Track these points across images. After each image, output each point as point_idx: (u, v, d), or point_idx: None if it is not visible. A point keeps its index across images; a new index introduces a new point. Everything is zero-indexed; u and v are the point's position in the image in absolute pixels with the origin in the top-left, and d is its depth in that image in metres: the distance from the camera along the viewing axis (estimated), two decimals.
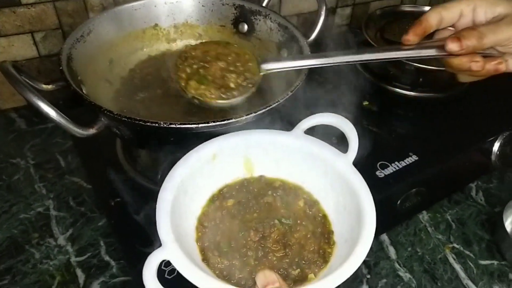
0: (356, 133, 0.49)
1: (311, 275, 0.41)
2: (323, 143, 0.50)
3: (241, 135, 0.50)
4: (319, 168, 0.49)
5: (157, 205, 0.41)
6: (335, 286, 0.36)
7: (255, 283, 0.39)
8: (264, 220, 0.46)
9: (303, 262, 0.43)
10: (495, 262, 0.63)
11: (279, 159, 0.51)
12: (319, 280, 0.38)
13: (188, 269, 0.36)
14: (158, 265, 0.36)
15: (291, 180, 0.52)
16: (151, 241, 0.44)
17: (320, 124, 0.50)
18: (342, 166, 0.47)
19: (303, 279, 0.42)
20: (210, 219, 0.46)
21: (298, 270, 0.42)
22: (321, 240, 0.45)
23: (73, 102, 0.53)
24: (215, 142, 0.49)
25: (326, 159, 0.49)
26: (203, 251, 0.43)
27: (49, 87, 0.57)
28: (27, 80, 0.53)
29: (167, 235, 0.39)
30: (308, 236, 0.45)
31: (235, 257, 0.43)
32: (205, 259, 0.43)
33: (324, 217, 0.48)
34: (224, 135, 0.49)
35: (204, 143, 0.48)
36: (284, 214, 0.47)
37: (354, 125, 0.50)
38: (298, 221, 0.47)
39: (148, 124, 0.47)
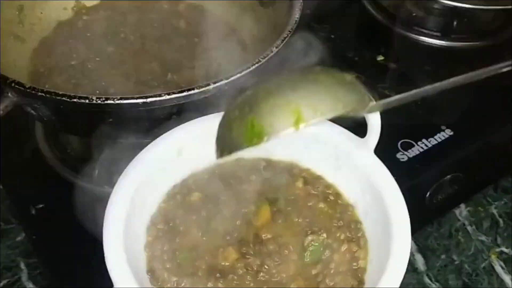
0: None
1: None
2: (333, 124, 0.47)
3: (216, 118, 0.46)
4: (329, 159, 0.47)
5: (104, 230, 0.39)
6: None
7: None
8: (242, 216, 0.45)
9: None
10: None
11: (271, 147, 0.49)
12: None
13: None
14: None
15: (283, 159, 0.50)
16: (86, 262, 0.43)
17: None
18: (361, 156, 0.45)
19: None
20: (168, 219, 0.45)
21: None
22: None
23: None
24: (179, 131, 0.47)
25: (337, 146, 0.47)
26: (151, 261, 0.42)
27: None
28: None
29: (121, 274, 0.36)
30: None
31: (192, 274, 0.41)
32: (151, 271, 0.41)
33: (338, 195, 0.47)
34: (192, 121, 0.47)
35: (165, 134, 0.46)
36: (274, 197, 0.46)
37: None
38: (300, 203, 0.46)
39: (75, 100, 0.46)
